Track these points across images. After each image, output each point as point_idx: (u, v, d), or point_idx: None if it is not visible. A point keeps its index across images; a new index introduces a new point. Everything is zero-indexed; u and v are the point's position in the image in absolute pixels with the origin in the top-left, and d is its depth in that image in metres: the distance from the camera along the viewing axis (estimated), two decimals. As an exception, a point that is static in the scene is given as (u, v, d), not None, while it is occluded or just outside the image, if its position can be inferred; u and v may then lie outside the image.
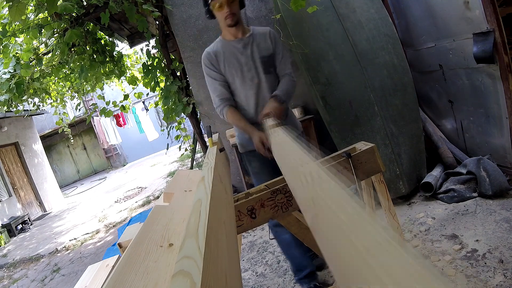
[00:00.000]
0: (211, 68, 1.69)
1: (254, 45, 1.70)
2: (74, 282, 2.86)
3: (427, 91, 2.92)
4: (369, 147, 1.09)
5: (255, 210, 1.07)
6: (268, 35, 1.72)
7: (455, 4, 2.19)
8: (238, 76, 1.70)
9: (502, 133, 2.24)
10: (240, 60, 1.69)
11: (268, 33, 1.73)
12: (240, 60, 1.69)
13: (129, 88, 5.02)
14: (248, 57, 1.69)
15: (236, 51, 1.69)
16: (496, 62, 2.03)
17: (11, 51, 3.08)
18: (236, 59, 1.69)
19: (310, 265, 1.81)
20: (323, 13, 2.40)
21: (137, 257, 0.61)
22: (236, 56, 1.69)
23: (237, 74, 1.70)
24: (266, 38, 1.72)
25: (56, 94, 4.95)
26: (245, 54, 1.68)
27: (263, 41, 1.71)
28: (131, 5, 2.90)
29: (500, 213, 1.95)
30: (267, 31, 1.74)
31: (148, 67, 3.64)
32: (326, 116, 2.49)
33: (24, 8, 2.15)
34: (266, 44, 1.72)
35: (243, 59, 1.69)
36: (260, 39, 1.71)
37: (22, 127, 8.30)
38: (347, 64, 2.43)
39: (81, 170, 13.77)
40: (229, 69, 1.69)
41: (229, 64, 1.69)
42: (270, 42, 1.72)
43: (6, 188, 7.06)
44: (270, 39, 1.72)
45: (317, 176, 0.48)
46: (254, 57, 1.69)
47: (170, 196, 1.00)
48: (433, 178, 2.40)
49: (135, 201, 6.02)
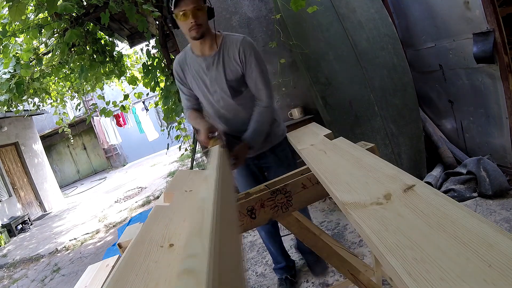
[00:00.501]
0: (177, 79, 1.56)
1: (220, 66, 1.44)
2: (74, 282, 2.86)
3: (427, 91, 2.92)
4: (369, 147, 1.09)
5: (255, 210, 1.07)
6: (238, 50, 1.41)
7: (455, 4, 2.19)
8: (204, 96, 1.54)
9: (502, 133, 2.25)
10: (205, 81, 1.49)
11: (239, 47, 1.40)
12: (205, 81, 1.49)
13: (129, 88, 5.01)
14: (213, 80, 1.47)
15: (200, 70, 1.47)
16: (496, 62, 2.03)
17: (11, 51, 3.08)
18: (201, 79, 1.49)
19: (286, 261, 1.94)
20: (323, 13, 2.40)
21: (138, 257, 0.61)
22: (201, 75, 1.48)
23: (203, 94, 1.53)
24: (235, 54, 1.42)
25: (56, 94, 4.95)
26: (209, 75, 1.46)
27: (231, 59, 1.43)
28: (131, 5, 2.90)
29: (500, 213, 1.95)
30: (238, 44, 1.41)
31: (148, 67, 3.64)
32: (326, 116, 2.49)
33: (24, 8, 2.15)
34: (234, 64, 1.44)
35: (208, 81, 1.48)
36: (228, 57, 1.43)
37: (22, 127, 8.30)
38: (347, 64, 2.43)
39: (81, 170, 13.77)
40: (195, 86, 1.53)
41: (195, 80, 1.51)
42: (239, 60, 1.42)
43: (6, 188, 7.06)
44: (239, 56, 1.41)
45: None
46: (218, 80, 1.46)
47: (170, 196, 1.00)
48: (433, 178, 2.41)
49: (135, 201, 6.02)
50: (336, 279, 1.86)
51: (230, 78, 1.45)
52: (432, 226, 0.50)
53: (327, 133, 1.31)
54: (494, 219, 1.91)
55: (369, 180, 0.73)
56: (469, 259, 0.41)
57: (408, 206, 0.58)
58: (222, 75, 1.44)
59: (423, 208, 0.55)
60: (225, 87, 1.46)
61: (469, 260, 0.41)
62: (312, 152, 1.14)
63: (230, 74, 1.44)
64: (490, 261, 0.40)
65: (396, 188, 0.65)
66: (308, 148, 1.21)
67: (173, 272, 0.55)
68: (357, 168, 0.83)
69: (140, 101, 9.17)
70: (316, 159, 1.03)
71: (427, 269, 0.42)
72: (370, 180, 0.73)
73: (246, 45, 1.41)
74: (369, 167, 0.81)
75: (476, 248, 0.43)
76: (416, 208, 0.56)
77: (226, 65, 1.43)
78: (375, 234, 0.52)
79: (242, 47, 1.41)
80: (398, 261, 0.45)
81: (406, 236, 0.50)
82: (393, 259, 0.45)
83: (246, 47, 1.41)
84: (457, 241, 0.45)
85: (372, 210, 0.60)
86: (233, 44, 1.42)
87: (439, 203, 0.55)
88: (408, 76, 2.45)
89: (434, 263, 0.42)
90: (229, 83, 1.46)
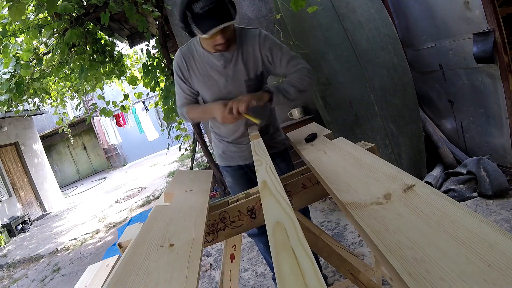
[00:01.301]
0: (179, 75, 1.38)
1: (239, 63, 1.31)
2: (74, 282, 2.86)
3: (427, 91, 2.92)
4: (369, 147, 1.09)
5: (255, 210, 1.07)
6: (259, 45, 1.31)
7: (455, 4, 2.19)
8: (212, 95, 1.38)
9: (502, 133, 2.25)
10: (218, 82, 1.34)
11: (259, 42, 1.31)
12: (218, 82, 1.34)
13: (129, 88, 5.02)
14: (229, 79, 1.33)
15: (213, 68, 1.33)
16: (496, 62, 2.03)
17: (11, 51, 3.08)
18: (211, 78, 1.34)
19: None
20: (323, 13, 2.40)
21: (138, 257, 0.61)
22: (212, 73, 1.33)
23: (212, 93, 1.37)
24: (255, 49, 1.31)
25: (56, 94, 4.95)
26: (225, 75, 1.33)
27: (250, 55, 1.32)
28: (131, 5, 2.90)
29: (500, 213, 1.95)
30: (256, 39, 1.31)
31: (148, 67, 3.64)
32: (326, 116, 2.49)
33: (24, 8, 2.15)
34: (254, 60, 1.32)
35: (222, 82, 1.34)
36: (247, 53, 1.32)
37: (22, 127, 8.30)
38: (347, 64, 2.43)
39: (81, 170, 13.78)
40: (201, 84, 1.37)
41: (203, 79, 1.35)
42: (260, 55, 1.32)
43: (6, 188, 7.06)
44: (260, 51, 1.32)
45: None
46: (236, 79, 1.33)
47: (170, 196, 1.00)
48: (433, 178, 2.41)
49: (135, 201, 6.02)
50: (336, 279, 1.86)
51: (250, 77, 1.34)
52: (432, 226, 0.50)
53: (327, 133, 1.31)
54: (494, 219, 1.91)
55: (369, 180, 0.73)
56: (469, 259, 0.41)
57: (408, 206, 0.58)
58: (243, 73, 1.33)
59: (423, 208, 0.55)
60: (242, 87, 1.35)
61: (469, 260, 0.41)
62: (312, 152, 1.14)
63: (250, 72, 1.34)
64: (490, 261, 0.40)
65: (396, 188, 0.65)
66: (308, 148, 1.21)
67: (174, 271, 0.55)
68: (357, 168, 0.83)
69: (140, 101, 9.17)
70: (316, 159, 1.03)
71: (427, 269, 0.42)
72: (370, 180, 0.73)
73: (265, 38, 1.32)
74: (369, 167, 0.81)
75: (476, 248, 0.43)
76: (416, 208, 0.56)
77: (246, 61, 1.32)
78: (375, 234, 0.52)
79: (261, 40, 1.31)
80: (398, 261, 0.45)
81: (406, 236, 0.50)
82: (393, 259, 0.45)
83: (266, 40, 1.32)
84: (457, 241, 0.45)
85: (372, 210, 0.60)
86: (251, 39, 1.32)
87: (439, 203, 0.55)
88: (408, 76, 2.45)
89: (434, 263, 0.42)
90: (248, 82, 1.35)
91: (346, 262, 1.21)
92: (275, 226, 0.48)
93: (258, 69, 1.35)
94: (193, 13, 1.11)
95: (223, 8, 1.11)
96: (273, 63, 1.35)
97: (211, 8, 1.09)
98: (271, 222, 0.49)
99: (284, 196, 0.59)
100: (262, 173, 0.77)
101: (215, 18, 1.11)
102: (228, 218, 1.05)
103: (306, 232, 1.26)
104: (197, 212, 0.87)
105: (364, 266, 1.30)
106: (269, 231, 0.47)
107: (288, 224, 0.47)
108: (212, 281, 2.35)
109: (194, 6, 1.09)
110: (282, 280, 0.36)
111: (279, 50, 1.33)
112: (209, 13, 1.09)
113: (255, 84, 1.37)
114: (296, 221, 0.47)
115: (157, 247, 0.65)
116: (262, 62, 1.35)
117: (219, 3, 1.10)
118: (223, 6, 1.11)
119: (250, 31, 1.34)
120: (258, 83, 1.38)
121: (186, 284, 0.52)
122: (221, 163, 1.63)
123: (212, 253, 2.75)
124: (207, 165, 4.54)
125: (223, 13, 1.12)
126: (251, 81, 1.35)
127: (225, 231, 1.05)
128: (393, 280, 0.45)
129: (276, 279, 0.37)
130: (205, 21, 1.11)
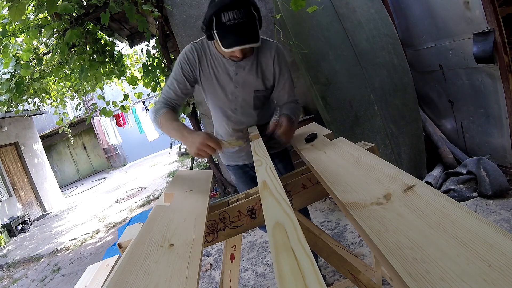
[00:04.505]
0: (184, 66, 1.27)
1: (253, 72, 1.27)
2: (74, 282, 2.86)
3: (427, 91, 2.92)
4: (369, 147, 1.09)
5: (255, 210, 1.07)
6: (273, 58, 1.27)
7: (455, 4, 2.19)
8: (217, 101, 1.34)
9: (502, 133, 2.25)
10: (226, 87, 1.30)
11: (274, 56, 1.27)
12: (226, 87, 1.30)
13: (129, 88, 5.02)
14: (238, 86, 1.29)
15: (225, 72, 1.28)
16: (496, 62, 2.03)
17: (11, 51, 3.08)
18: (220, 81, 1.29)
19: None
20: (323, 13, 2.40)
21: (138, 257, 0.61)
22: (222, 78, 1.29)
23: (214, 95, 1.33)
24: (269, 61, 1.27)
25: (56, 94, 4.95)
26: (235, 81, 1.28)
27: (265, 67, 1.28)
28: (131, 5, 2.90)
29: (500, 213, 1.95)
30: (272, 51, 1.27)
31: (148, 67, 3.64)
32: (326, 116, 2.49)
33: (24, 8, 2.15)
34: (268, 72, 1.29)
35: (230, 87, 1.30)
36: (262, 65, 1.27)
37: (22, 127, 8.30)
38: (347, 64, 2.43)
39: (81, 170, 13.77)
40: (207, 85, 1.32)
41: (212, 80, 1.30)
42: (272, 69, 1.28)
43: (6, 188, 7.06)
44: (273, 65, 1.28)
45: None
46: (245, 88, 1.29)
47: (170, 196, 1.00)
48: (433, 178, 2.41)
49: (135, 201, 6.02)
50: (336, 279, 1.86)
51: (261, 88, 1.31)
52: (432, 226, 0.50)
53: (327, 133, 1.31)
54: (494, 219, 1.91)
55: (369, 180, 0.73)
56: (469, 259, 0.41)
57: (408, 206, 0.58)
58: (254, 83, 1.29)
59: (423, 208, 0.55)
60: (250, 96, 1.31)
61: (469, 260, 0.41)
62: (312, 152, 1.14)
63: (262, 83, 1.30)
64: (490, 261, 0.40)
65: (396, 188, 0.65)
66: (308, 148, 1.21)
67: (174, 272, 0.55)
68: (357, 168, 0.83)
69: (140, 101, 9.17)
70: (316, 159, 1.03)
71: (427, 269, 0.42)
72: (370, 180, 0.73)
73: (280, 55, 1.29)
74: (369, 167, 0.81)
75: (476, 248, 0.43)
76: (416, 208, 0.56)
77: (259, 72, 1.28)
78: (375, 234, 0.52)
79: (277, 55, 1.27)
80: (398, 261, 0.45)
81: (406, 236, 0.50)
82: (393, 259, 0.45)
83: (280, 57, 1.28)
84: (457, 241, 0.45)
85: (372, 210, 0.60)
86: (268, 50, 1.27)
87: (439, 203, 0.55)
88: (408, 76, 2.45)
89: (434, 263, 0.42)
90: (257, 94, 1.31)
91: (346, 262, 1.21)
92: (275, 226, 0.48)
93: (269, 81, 1.32)
94: (220, 22, 1.05)
95: (251, 27, 1.07)
96: (277, 82, 1.32)
97: (240, 23, 1.04)
98: (271, 222, 0.49)
99: (284, 196, 0.59)
100: (262, 173, 0.78)
101: (240, 35, 1.06)
102: (228, 218, 1.05)
103: (306, 232, 1.26)
104: (197, 212, 0.87)
105: (364, 266, 1.30)
106: (269, 231, 0.47)
107: (288, 224, 0.47)
108: (212, 281, 2.35)
109: (223, 15, 1.03)
110: (282, 280, 0.36)
111: (286, 73, 1.32)
112: (236, 28, 1.04)
113: (263, 96, 1.34)
114: (296, 221, 0.47)
115: (157, 247, 0.65)
116: (273, 76, 1.31)
117: (249, 21, 1.05)
118: (252, 25, 1.07)
119: (268, 42, 1.30)
120: (266, 95, 1.35)
121: (186, 284, 0.52)
122: (224, 161, 1.66)
123: (212, 253, 2.75)
124: (207, 165, 4.54)
125: (250, 33, 1.07)
126: (261, 92, 1.32)
127: (225, 231, 1.05)
128: (393, 280, 0.45)
129: (276, 280, 0.37)
130: (229, 35, 1.06)
